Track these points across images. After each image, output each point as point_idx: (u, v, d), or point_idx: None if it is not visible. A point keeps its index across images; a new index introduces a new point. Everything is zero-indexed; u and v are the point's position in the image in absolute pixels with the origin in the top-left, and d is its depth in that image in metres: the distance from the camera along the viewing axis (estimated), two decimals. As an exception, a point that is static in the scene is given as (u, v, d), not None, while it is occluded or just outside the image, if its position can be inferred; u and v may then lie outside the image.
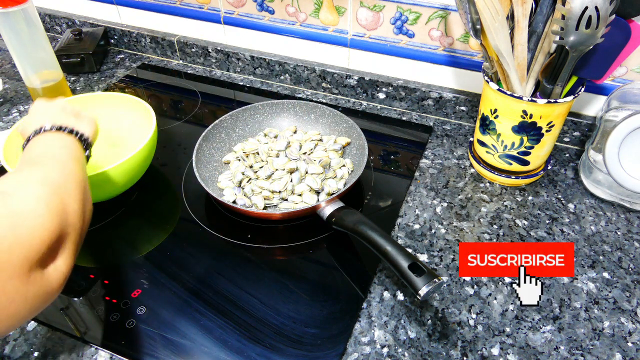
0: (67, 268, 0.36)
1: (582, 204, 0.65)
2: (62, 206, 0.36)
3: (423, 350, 0.48)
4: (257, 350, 0.48)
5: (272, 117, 0.76)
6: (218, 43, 0.96)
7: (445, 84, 0.81)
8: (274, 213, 0.59)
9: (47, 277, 0.34)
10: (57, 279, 0.35)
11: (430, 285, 0.45)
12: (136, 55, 1.04)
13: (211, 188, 0.62)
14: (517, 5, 0.55)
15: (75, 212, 0.38)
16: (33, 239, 0.33)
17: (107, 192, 0.62)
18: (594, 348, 0.48)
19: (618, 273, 0.56)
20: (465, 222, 0.62)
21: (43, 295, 0.34)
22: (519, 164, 0.65)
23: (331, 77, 0.87)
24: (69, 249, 0.36)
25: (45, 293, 0.34)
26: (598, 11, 0.48)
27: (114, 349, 0.48)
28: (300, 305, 0.52)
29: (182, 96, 0.90)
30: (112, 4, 1.02)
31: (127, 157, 0.59)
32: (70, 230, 0.37)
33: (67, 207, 0.37)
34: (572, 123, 0.74)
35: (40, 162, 0.41)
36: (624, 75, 0.69)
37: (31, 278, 0.32)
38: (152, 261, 0.58)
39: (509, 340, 0.49)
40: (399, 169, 0.72)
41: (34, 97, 0.82)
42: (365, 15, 0.78)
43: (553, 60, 0.58)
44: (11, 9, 0.71)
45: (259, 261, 0.58)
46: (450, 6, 0.72)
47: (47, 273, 0.34)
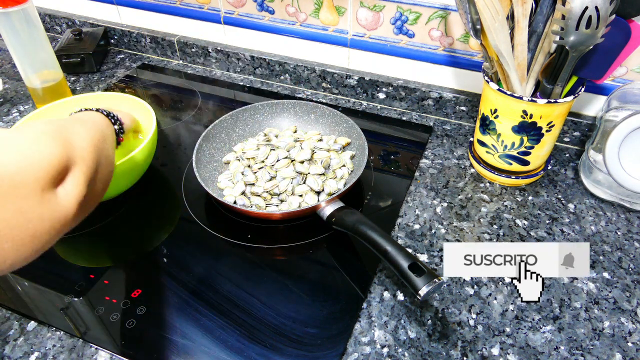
0: (79, 194, 0.38)
1: (582, 204, 0.65)
2: (64, 138, 0.39)
3: (423, 350, 0.48)
4: (257, 350, 0.48)
5: (272, 117, 0.76)
6: (218, 43, 0.96)
7: (445, 84, 0.81)
8: (274, 213, 0.59)
9: (60, 200, 0.36)
10: (70, 202, 0.37)
11: (430, 285, 0.45)
12: (136, 55, 1.04)
13: (211, 188, 0.62)
14: (517, 5, 0.55)
15: (82, 147, 0.41)
16: (41, 160, 0.35)
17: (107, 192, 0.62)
18: (594, 348, 0.48)
19: (618, 273, 0.56)
20: (465, 222, 0.62)
21: (59, 218, 0.36)
22: (519, 164, 0.65)
23: (331, 77, 0.87)
24: (79, 176, 0.39)
25: (61, 214, 0.36)
26: (598, 11, 0.48)
27: (114, 349, 0.48)
28: (300, 305, 0.52)
29: (182, 96, 0.90)
30: (112, 4, 1.02)
31: (127, 157, 0.59)
32: (78, 160, 0.39)
33: (72, 141, 0.40)
34: (572, 123, 0.74)
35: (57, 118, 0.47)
36: (624, 75, 0.69)
37: (45, 198, 0.35)
38: (152, 261, 0.58)
39: (509, 340, 0.49)
40: (399, 169, 0.72)
41: (34, 97, 0.82)
42: (365, 15, 0.78)
43: (553, 60, 0.58)
44: (11, 9, 0.71)
45: (259, 261, 0.58)
46: (450, 6, 0.72)
47: (59, 196, 0.36)
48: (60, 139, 0.38)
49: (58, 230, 0.37)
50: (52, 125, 0.40)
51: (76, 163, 0.39)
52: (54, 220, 0.36)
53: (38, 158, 0.35)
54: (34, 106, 0.85)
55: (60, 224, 0.37)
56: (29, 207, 0.34)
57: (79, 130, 0.43)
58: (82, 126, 0.44)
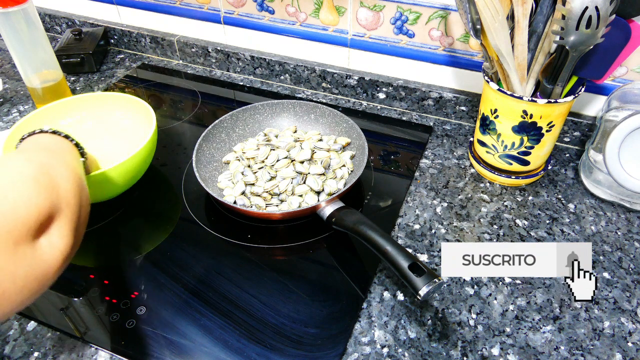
0: (65, 246, 0.34)
1: (583, 204, 0.65)
2: (50, 181, 0.34)
3: (423, 350, 0.48)
4: (257, 350, 0.48)
5: (272, 117, 0.76)
6: (218, 43, 0.96)
7: (446, 84, 0.81)
8: (274, 213, 0.59)
9: (41, 253, 0.32)
10: (53, 256, 0.33)
11: (430, 285, 0.45)
12: (136, 55, 1.04)
13: (211, 188, 0.62)
14: (517, 5, 0.55)
15: (67, 190, 0.36)
16: (17, 210, 0.31)
17: (107, 192, 0.62)
18: (594, 348, 0.48)
19: (618, 273, 0.56)
20: (465, 222, 0.62)
21: (37, 274, 0.31)
22: (519, 164, 0.65)
23: (331, 77, 0.87)
24: (65, 225, 0.34)
25: (39, 271, 0.32)
26: (598, 11, 0.48)
27: (114, 349, 0.48)
28: (300, 305, 0.52)
29: (182, 96, 0.90)
30: (112, 4, 1.02)
31: (127, 157, 0.59)
32: (64, 207, 0.35)
33: (57, 184, 0.35)
34: (573, 123, 0.74)
35: (30, 150, 0.41)
36: (624, 75, 0.69)
37: (19, 253, 0.30)
38: (152, 261, 0.58)
39: (509, 341, 0.49)
40: (399, 169, 0.72)
41: (34, 97, 0.82)
42: (365, 15, 0.78)
43: (553, 60, 0.58)
44: (11, 9, 0.71)
45: (259, 261, 0.58)
46: (451, 6, 0.72)
47: (39, 249, 0.32)
48: (45, 184, 0.34)
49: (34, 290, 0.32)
50: (35, 166, 0.35)
51: (61, 210, 0.34)
52: (31, 278, 0.31)
53: (13, 207, 0.31)
54: (34, 106, 0.85)
55: (38, 283, 0.32)
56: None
57: (61, 170, 0.37)
58: (61, 162, 0.39)
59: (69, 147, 0.46)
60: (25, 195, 0.32)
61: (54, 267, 0.33)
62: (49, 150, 0.43)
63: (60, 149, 0.44)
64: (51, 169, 0.36)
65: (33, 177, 0.33)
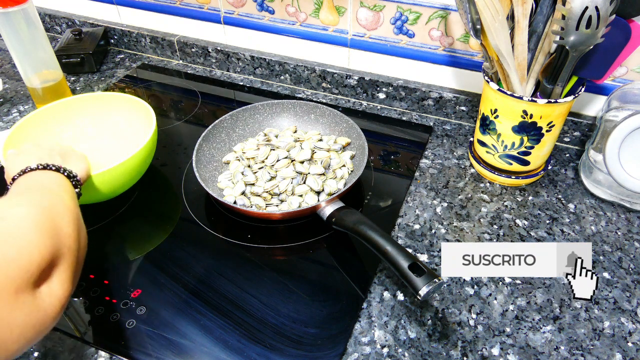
0: (64, 293, 0.33)
1: (583, 204, 0.65)
2: (53, 226, 0.34)
3: (423, 350, 0.48)
4: (257, 350, 0.48)
5: (272, 117, 0.76)
6: (218, 43, 0.96)
7: (446, 84, 0.81)
8: (274, 213, 0.59)
9: (40, 301, 0.31)
10: (52, 304, 0.32)
11: (430, 285, 0.45)
12: (136, 55, 1.04)
13: (211, 188, 0.62)
14: (517, 5, 0.55)
15: (68, 234, 0.35)
16: (20, 258, 0.30)
17: (107, 192, 0.62)
18: (594, 348, 0.48)
19: (618, 273, 0.56)
20: (465, 222, 0.62)
21: (34, 323, 0.31)
22: (519, 164, 0.65)
23: (331, 77, 0.87)
24: (66, 272, 0.34)
25: (37, 319, 0.31)
26: (598, 11, 0.48)
27: (114, 349, 0.48)
28: (300, 305, 0.52)
29: (182, 96, 0.90)
30: (112, 4, 1.02)
31: (127, 157, 0.59)
32: (65, 252, 0.34)
33: (59, 228, 0.35)
34: (573, 123, 0.74)
35: (28, 191, 0.39)
36: (624, 75, 0.69)
37: (19, 301, 0.29)
38: (152, 261, 0.58)
39: (509, 341, 0.49)
40: (399, 169, 0.72)
41: (34, 97, 0.82)
42: (365, 15, 0.78)
43: (553, 60, 0.58)
44: (11, 9, 0.71)
45: (259, 261, 0.58)
46: (451, 6, 0.72)
47: (39, 297, 0.31)
48: (47, 229, 0.33)
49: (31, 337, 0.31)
50: (37, 211, 0.34)
51: (63, 255, 0.33)
52: (29, 326, 0.30)
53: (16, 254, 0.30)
54: (34, 106, 0.85)
55: (36, 331, 0.31)
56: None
57: (62, 212, 0.37)
58: (60, 203, 0.38)
59: (64, 182, 0.45)
60: (28, 241, 0.31)
61: (51, 316, 0.32)
62: (45, 189, 0.41)
63: (56, 185, 0.43)
64: (52, 213, 0.35)
65: (36, 222, 0.33)
